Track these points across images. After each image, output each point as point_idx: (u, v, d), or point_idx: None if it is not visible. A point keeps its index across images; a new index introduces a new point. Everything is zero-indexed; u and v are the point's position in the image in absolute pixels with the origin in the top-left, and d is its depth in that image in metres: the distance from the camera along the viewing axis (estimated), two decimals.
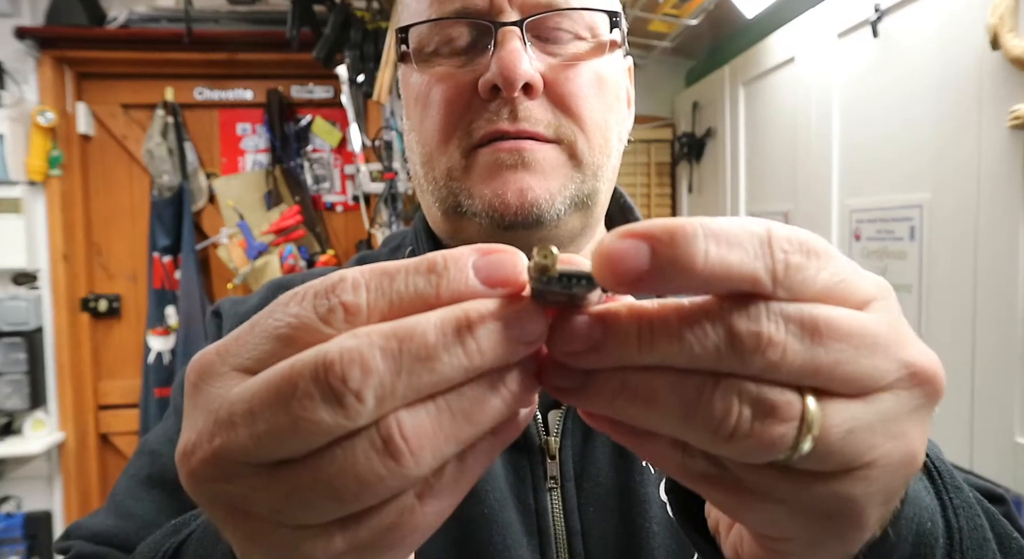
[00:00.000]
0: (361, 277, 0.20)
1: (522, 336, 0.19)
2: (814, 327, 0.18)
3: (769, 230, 0.19)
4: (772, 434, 0.18)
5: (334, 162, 2.42)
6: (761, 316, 0.18)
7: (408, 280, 0.20)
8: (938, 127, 1.10)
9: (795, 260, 0.19)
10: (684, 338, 0.18)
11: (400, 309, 0.19)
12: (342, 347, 0.18)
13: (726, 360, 0.18)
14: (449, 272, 0.20)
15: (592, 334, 0.19)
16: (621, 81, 0.49)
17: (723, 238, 0.18)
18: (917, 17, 1.14)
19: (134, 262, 2.37)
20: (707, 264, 0.18)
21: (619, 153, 0.49)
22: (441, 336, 0.18)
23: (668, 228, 0.18)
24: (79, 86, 2.30)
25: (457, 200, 0.45)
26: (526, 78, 0.41)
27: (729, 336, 0.18)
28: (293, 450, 0.18)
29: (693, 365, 0.19)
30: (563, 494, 0.42)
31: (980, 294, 1.01)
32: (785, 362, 0.18)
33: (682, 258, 0.18)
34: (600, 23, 0.45)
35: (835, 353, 0.18)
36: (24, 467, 2.21)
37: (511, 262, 0.20)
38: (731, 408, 0.18)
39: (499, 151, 0.42)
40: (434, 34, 0.45)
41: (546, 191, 0.43)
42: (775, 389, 0.19)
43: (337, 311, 0.19)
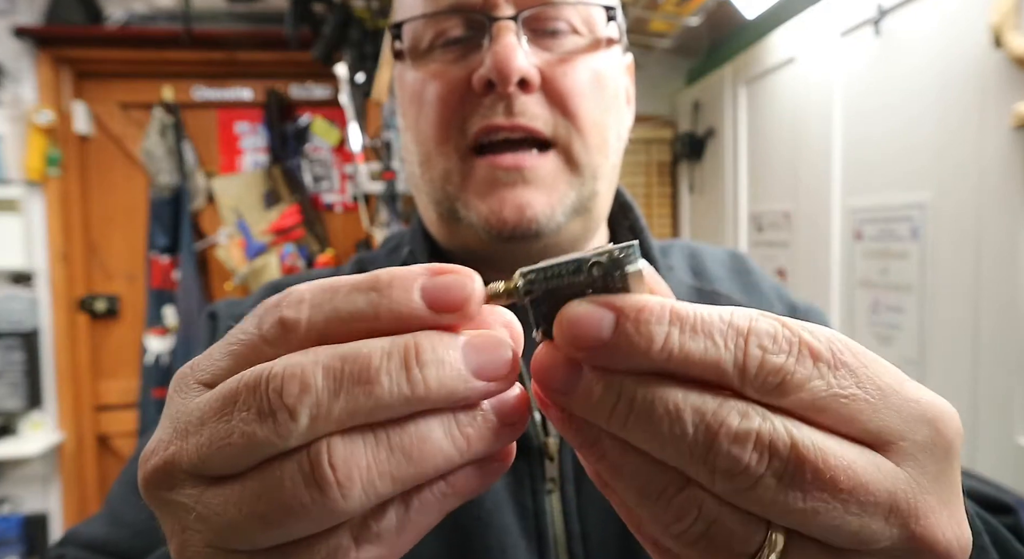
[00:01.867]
0: (306, 292, 0.19)
1: (481, 372, 0.18)
2: (797, 463, 0.16)
3: (753, 322, 0.17)
4: (719, 557, 0.17)
5: (333, 161, 2.41)
6: (744, 438, 0.16)
7: (348, 297, 0.19)
8: (940, 126, 1.09)
9: (774, 360, 0.17)
10: (657, 426, 0.17)
11: (339, 327, 0.18)
12: (287, 363, 0.18)
13: (693, 468, 0.17)
14: (392, 292, 0.18)
15: (566, 383, 0.18)
16: (620, 78, 0.48)
17: (690, 324, 0.17)
18: (919, 16, 1.13)
19: (132, 262, 2.36)
20: (662, 351, 0.17)
21: (618, 152, 0.48)
22: (385, 360, 0.18)
23: (638, 305, 0.18)
24: (77, 85, 2.29)
25: (454, 206, 0.44)
26: (521, 73, 0.40)
27: (705, 445, 0.17)
28: (229, 464, 0.18)
29: (659, 456, 0.18)
30: (562, 496, 0.42)
31: (982, 294, 1.01)
32: (754, 494, 0.17)
33: (642, 339, 0.17)
34: (597, 17, 0.45)
35: (814, 502, 0.16)
36: (22, 468, 2.20)
37: (461, 284, 0.19)
38: (686, 516, 0.17)
39: (497, 168, 0.42)
40: (428, 30, 0.44)
41: (546, 206, 0.42)
42: (737, 516, 0.17)
43: (276, 327, 0.19)
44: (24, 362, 2.11)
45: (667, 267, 0.53)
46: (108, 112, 2.32)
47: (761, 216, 1.72)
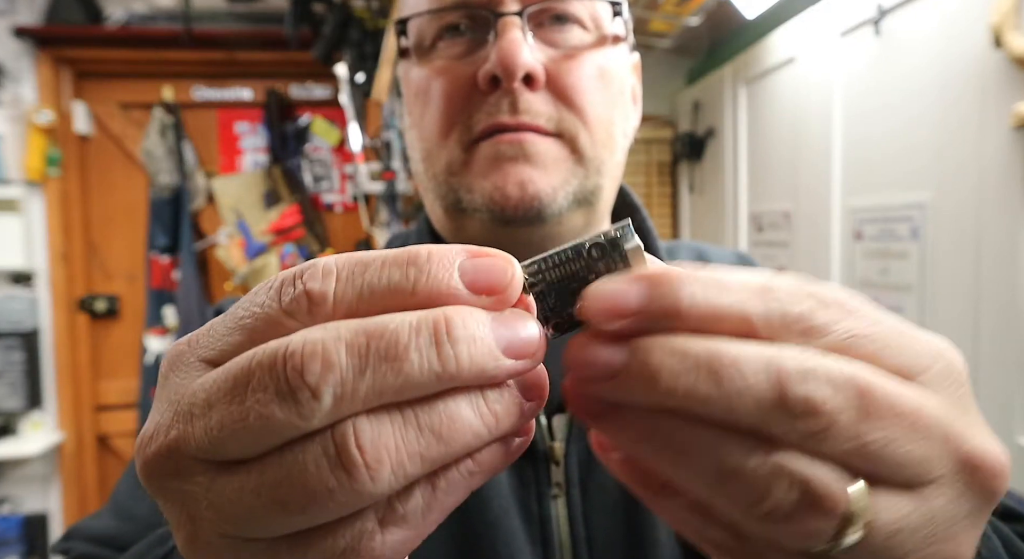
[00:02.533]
0: (333, 264, 0.18)
1: (509, 350, 0.18)
2: (864, 394, 0.16)
3: (771, 280, 0.18)
4: (814, 525, 0.16)
5: (333, 161, 2.41)
6: (812, 373, 0.16)
7: (383, 271, 0.18)
8: (940, 126, 1.09)
9: (798, 309, 0.17)
10: (726, 382, 0.16)
11: (371, 302, 0.18)
12: (306, 339, 0.17)
13: (769, 418, 0.16)
14: (431, 268, 0.18)
15: (612, 361, 0.17)
16: (626, 76, 0.48)
17: (714, 282, 0.17)
18: (919, 16, 1.14)
19: (132, 262, 2.36)
20: (693, 306, 0.17)
21: (624, 150, 0.48)
22: (414, 336, 0.17)
23: (658, 272, 0.18)
24: (77, 85, 2.29)
25: (457, 196, 0.43)
26: (526, 68, 0.40)
27: (777, 390, 0.16)
28: (244, 448, 0.17)
29: (731, 417, 0.17)
30: (568, 501, 0.41)
31: (982, 294, 1.01)
32: (834, 433, 0.16)
33: (669, 298, 0.17)
34: (603, 13, 0.44)
35: (885, 432, 0.16)
36: (22, 468, 2.20)
37: (502, 268, 0.18)
38: (774, 486, 0.16)
39: (499, 143, 0.41)
40: (433, 26, 0.44)
41: (548, 185, 0.42)
42: (826, 471, 0.17)
43: (301, 300, 0.18)
44: (24, 362, 2.11)
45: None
46: (108, 112, 2.32)
47: (761, 216, 1.72)
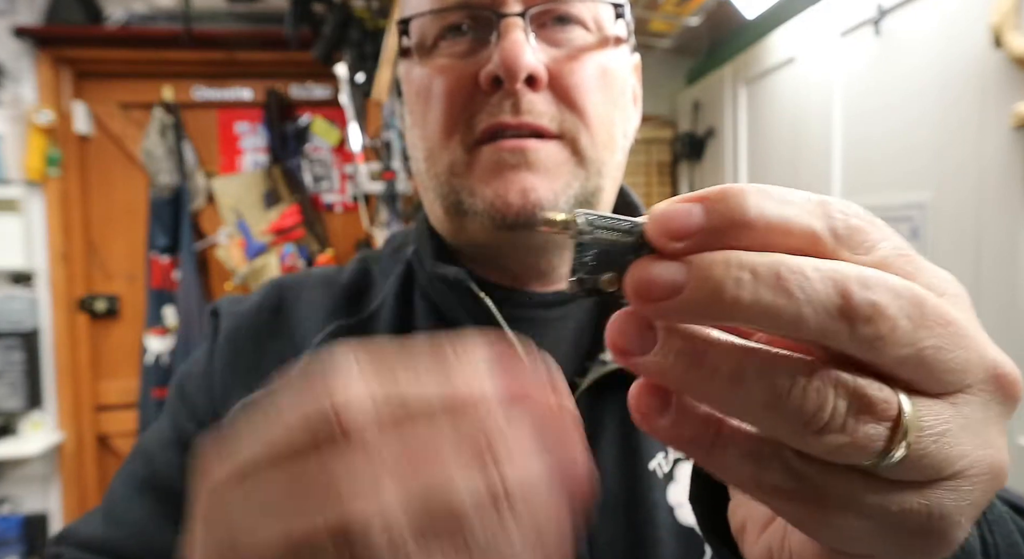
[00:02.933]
0: (369, 401, 0.18)
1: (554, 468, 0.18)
2: (919, 302, 0.17)
3: (824, 198, 0.18)
4: (867, 432, 0.17)
5: (333, 161, 2.42)
6: (872, 281, 0.16)
7: (422, 392, 0.18)
8: (940, 126, 1.09)
9: (855, 222, 0.18)
10: (793, 291, 0.16)
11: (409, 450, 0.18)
12: (363, 502, 0.17)
13: (836, 326, 0.16)
14: (466, 395, 0.18)
15: (676, 278, 0.17)
16: (627, 77, 0.48)
17: (776, 195, 0.17)
18: (919, 16, 1.14)
19: (132, 262, 2.36)
20: (761, 216, 0.17)
21: (624, 150, 0.48)
22: (476, 506, 0.17)
23: (721, 188, 0.17)
24: (77, 85, 2.29)
25: (459, 197, 0.44)
26: (529, 69, 0.40)
27: (842, 297, 0.16)
28: None
29: (796, 327, 0.17)
30: None
31: (982, 294, 1.01)
32: (895, 338, 0.16)
33: (736, 210, 0.17)
34: (605, 14, 0.44)
35: (936, 339, 0.17)
36: (22, 468, 2.20)
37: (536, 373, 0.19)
38: (827, 399, 0.17)
39: (502, 150, 0.41)
40: (435, 25, 0.44)
41: (550, 191, 0.42)
42: (873, 383, 0.17)
43: (336, 439, 0.18)
44: (24, 362, 2.11)
45: None
46: (108, 112, 2.32)
47: None
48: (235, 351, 0.49)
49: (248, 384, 0.47)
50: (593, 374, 0.44)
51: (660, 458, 0.43)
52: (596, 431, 0.43)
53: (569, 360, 0.46)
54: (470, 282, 0.44)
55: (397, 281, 0.50)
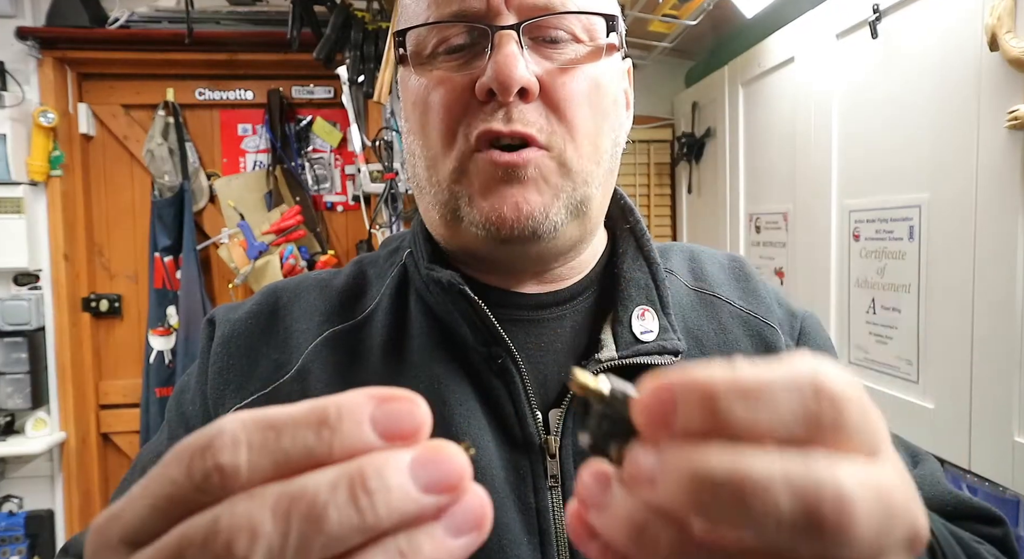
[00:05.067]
0: (242, 432, 0.18)
1: (430, 487, 0.18)
2: (888, 503, 0.17)
3: (814, 376, 0.18)
4: None
5: (334, 162, 2.43)
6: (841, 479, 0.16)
7: (296, 435, 0.18)
8: (937, 127, 1.10)
9: (839, 415, 0.18)
10: (753, 509, 0.16)
11: (287, 467, 0.18)
12: (232, 512, 0.17)
13: (793, 538, 0.16)
14: (343, 426, 0.18)
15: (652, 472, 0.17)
16: (619, 84, 0.49)
17: (752, 392, 0.17)
18: (916, 18, 1.14)
19: (135, 262, 2.38)
20: (733, 421, 0.17)
21: (613, 157, 0.49)
22: (332, 493, 0.17)
23: (692, 383, 0.18)
24: (80, 86, 2.31)
25: (458, 204, 0.45)
26: (521, 83, 0.41)
27: (808, 513, 0.16)
28: None
29: (757, 540, 0.17)
30: (563, 493, 0.43)
31: (979, 294, 1.01)
32: (856, 541, 0.16)
33: (708, 414, 0.17)
34: (598, 26, 0.46)
35: (896, 529, 0.17)
36: (25, 466, 2.21)
37: (410, 412, 0.18)
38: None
39: (496, 164, 0.43)
40: (431, 37, 0.45)
41: (540, 204, 0.43)
42: None
43: (212, 477, 0.17)
44: (28, 361, 2.12)
45: (668, 270, 0.54)
46: (111, 113, 2.33)
47: (759, 217, 1.73)
48: (228, 357, 0.49)
49: (241, 390, 0.47)
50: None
51: None
52: None
53: (564, 359, 0.47)
54: (463, 286, 0.45)
55: (392, 283, 0.51)
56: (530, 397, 0.45)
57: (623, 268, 0.50)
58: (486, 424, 0.44)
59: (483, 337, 0.45)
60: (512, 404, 0.44)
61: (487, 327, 0.45)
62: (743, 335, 0.51)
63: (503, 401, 0.45)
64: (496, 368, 0.45)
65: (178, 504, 0.18)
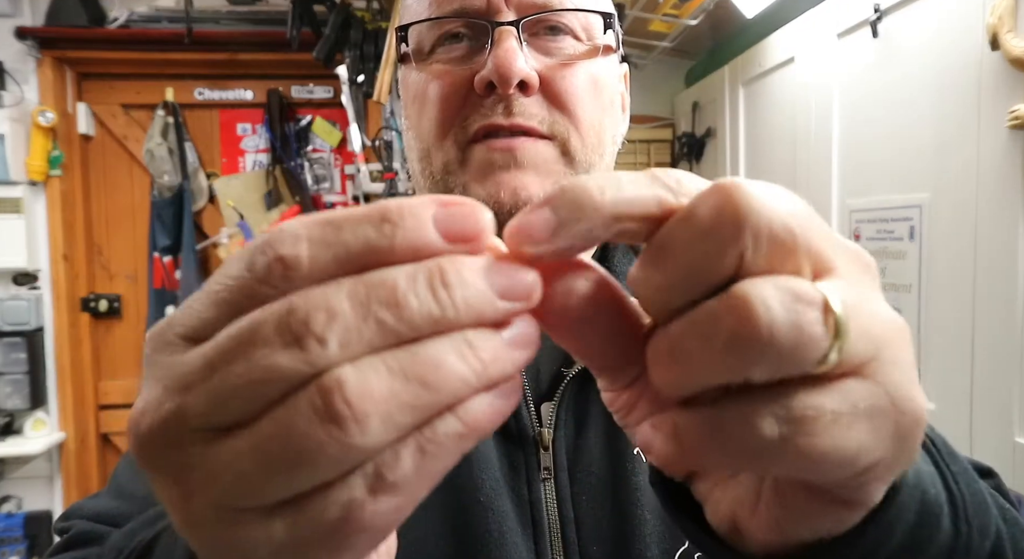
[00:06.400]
0: (302, 229, 0.18)
1: (505, 293, 0.18)
2: (779, 195, 0.18)
3: (651, 169, 0.20)
4: (807, 326, 0.17)
5: (334, 162, 2.42)
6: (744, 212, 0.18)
7: (357, 230, 0.18)
8: (938, 127, 1.10)
9: (688, 183, 0.19)
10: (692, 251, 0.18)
11: (348, 263, 0.18)
12: (308, 295, 0.17)
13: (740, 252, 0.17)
14: (405, 222, 0.18)
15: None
16: (616, 85, 0.49)
17: (611, 179, 0.19)
18: (917, 17, 1.14)
19: (134, 262, 2.37)
20: (604, 198, 0.18)
21: (612, 155, 0.49)
22: (411, 283, 0.17)
23: (559, 187, 0.19)
24: (79, 86, 2.30)
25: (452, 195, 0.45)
26: (521, 75, 0.42)
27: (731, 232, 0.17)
28: (245, 407, 0.17)
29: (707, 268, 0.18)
30: (556, 484, 0.43)
31: (980, 294, 1.01)
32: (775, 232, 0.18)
33: (581, 200, 0.18)
34: (596, 24, 0.46)
35: (802, 221, 0.18)
36: (24, 467, 2.21)
37: (474, 215, 0.18)
38: (757, 306, 0.17)
39: (492, 150, 0.43)
40: (432, 33, 0.46)
41: (540, 190, 0.43)
42: (791, 278, 0.18)
43: (275, 267, 0.17)
44: (27, 361, 2.12)
45: None
46: (110, 113, 2.33)
47: None
48: None
49: None
50: (579, 364, 0.45)
51: None
52: (583, 418, 0.45)
53: (556, 352, 0.47)
54: None
55: None
56: (524, 390, 0.45)
57: (614, 263, 0.50)
58: None
59: None
60: None
61: None
62: None
63: None
64: None
65: (241, 296, 0.18)
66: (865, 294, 0.19)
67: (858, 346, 0.18)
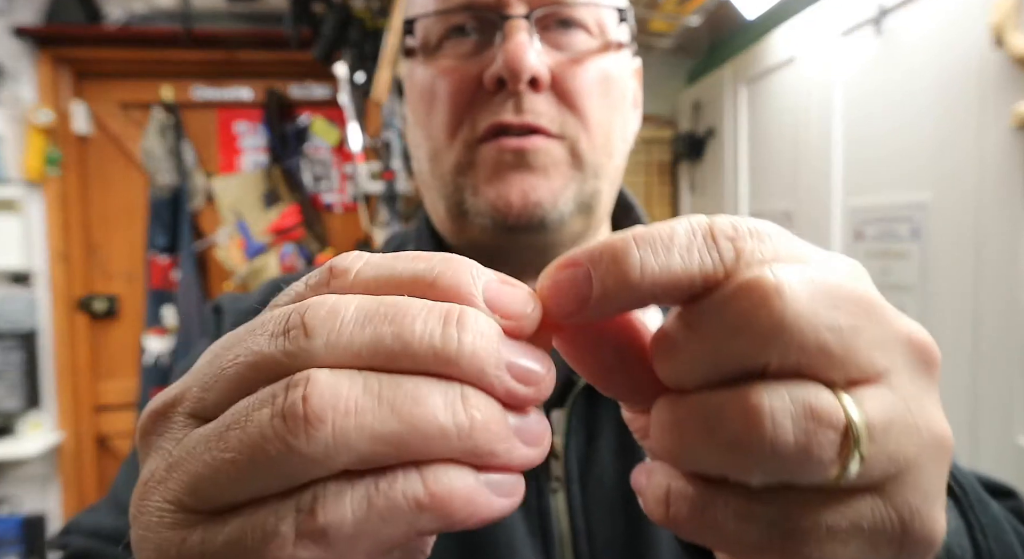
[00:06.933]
0: (363, 253, 0.19)
1: (513, 368, 0.17)
2: (831, 290, 0.16)
3: (710, 220, 0.18)
4: (820, 442, 0.16)
5: (333, 161, 2.41)
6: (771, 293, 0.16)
7: (410, 263, 0.18)
8: (940, 126, 1.09)
9: (747, 244, 0.17)
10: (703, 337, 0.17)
11: (388, 284, 0.18)
12: (320, 296, 0.17)
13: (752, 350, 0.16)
14: (457, 268, 0.18)
15: None
16: (628, 81, 0.48)
17: (657, 242, 0.17)
18: (920, 15, 1.13)
19: (131, 262, 2.36)
20: (651, 270, 0.17)
21: (623, 154, 0.48)
22: (424, 311, 0.17)
23: (599, 247, 0.17)
24: (76, 85, 2.29)
25: (462, 196, 0.44)
26: (532, 71, 0.40)
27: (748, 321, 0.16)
28: (222, 397, 0.17)
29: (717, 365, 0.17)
30: (567, 494, 0.42)
31: (982, 294, 1.01)
32: (809, 342, 0.16)
33: (626, 271, 0.17)
34: (608, 18, 0.45)
35: (851, 318, 0.16)
36: (21, 469, 2.20)
37: (524, 299, 0.18)
38: (773, 417, 0.16)
39: (503, 150, 0.42)
40: (440, 26, 0.44)
41: (549, 192, 0.42)
42: (811, 388, 0.16)
43: (324, 273, 0.19)
44: (23, 362, 2.11)
45: None
46: (107, 112, 2.32)
47: (762, 216, 1.71)
48: None
49: None
50: None
51: None
52: (594, 427, 0.44)
53: None
54: None
55: None
56: None
57: None
58: None
59: None
60: None
61: None
62: None
63: None
64: None
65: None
66: (912, 403, 0.17)
67: (878, 468, 0.17)
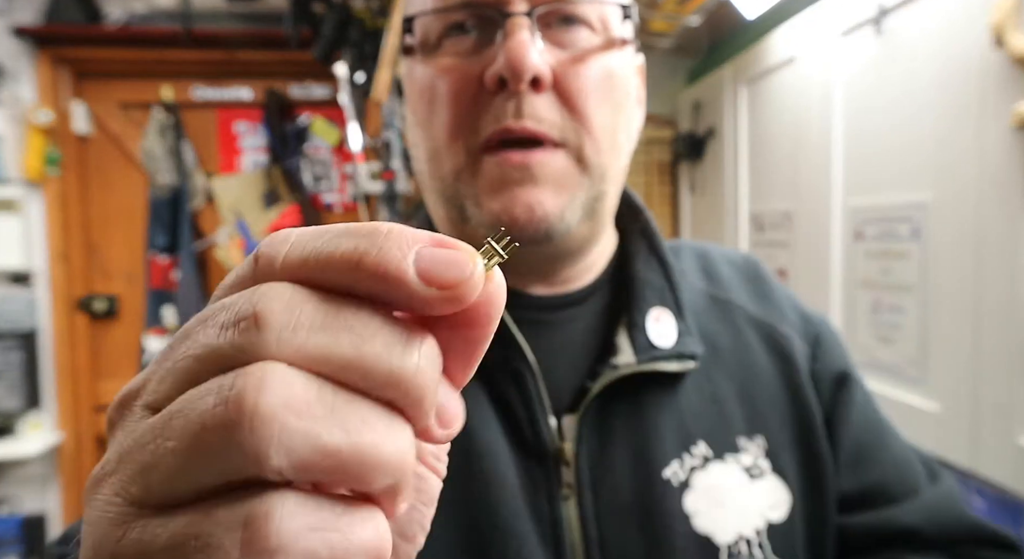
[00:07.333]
0: (293, 232, 0.18)
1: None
2: None
3: None
4: None
5: (333, 161, 2.41)
6: None
7: (335, 239, 0.17)
8: (941, 126, 1.09)
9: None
10: None
11: (314, 269, 0.17)
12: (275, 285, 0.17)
13: None
14: (386, 243, 0.16)
15: None
16: (631, 79, 0.47)
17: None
18: (920, 15, 1.13)
19: (131, 262, 2.36)
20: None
21: (627, 153, 0.47)
22: (391, 331, 0.17)
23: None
24: (76, 85, 2.29)
25: (463, 204, 0.43)
26: (534, 71, 0.39)
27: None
28: (174, 388, 0.17)
29: None
30: (579, 502, 0.41)
31: (983, 294, 1.00)
32: None
33: None
34: (612, 15, 0.44)
35: None
36: (21, 469, 2.19)
37: (461, 262, 0.17)
38: None
39: (507, 165, 0.41)
40: (440, 24, 0.43)
41: (556, 206, 0.41)
42: None
43: (250, 263, 0.18)
44: (23, 362, 2.10)
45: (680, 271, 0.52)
46: (107, 112, 2.32)
47: (762, 216, 1.72)
48: None
49: None
50: (604, 378, 0.43)
51: (675, 466, 0.43)
52: (607, 435, 0.43)
53: (578, 364, 0.45)
54: None
55: None
56: (543, 402, 0.43)
57: (636, 269, 0.48)
58: (500, 430, 0.42)
59: (495, 339, 0.43)
60: (525, 409, 0.43)
61: (500, 329, 0.43)
62: (757, 341, 0.50)
63: (516, 406, 0.43)
64: (509, 372, 0.43)
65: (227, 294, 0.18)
66: None
67: None
